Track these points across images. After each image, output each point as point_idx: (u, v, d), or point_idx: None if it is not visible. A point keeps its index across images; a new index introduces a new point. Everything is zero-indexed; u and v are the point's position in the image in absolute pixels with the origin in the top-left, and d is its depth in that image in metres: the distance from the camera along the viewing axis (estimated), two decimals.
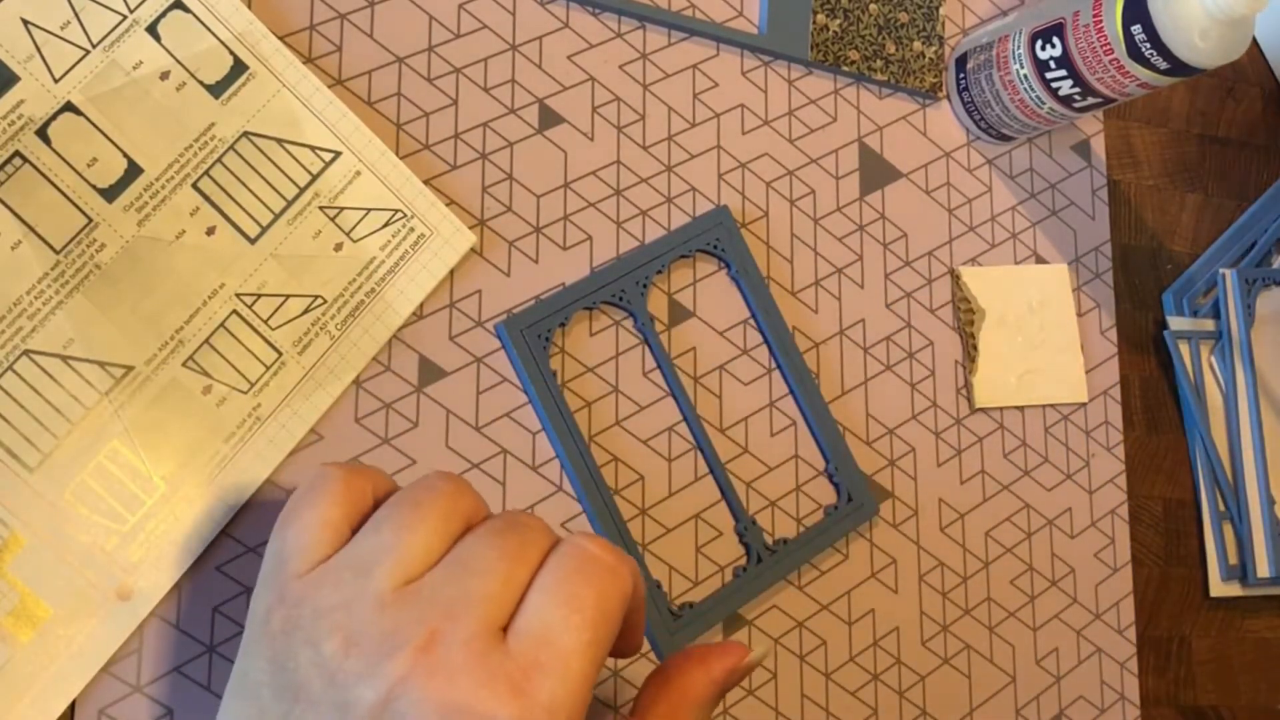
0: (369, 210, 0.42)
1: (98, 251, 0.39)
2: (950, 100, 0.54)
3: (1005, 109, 0.51)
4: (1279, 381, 0.58)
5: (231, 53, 0.41)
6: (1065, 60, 0.48)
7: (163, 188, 0.40)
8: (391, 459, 0.42)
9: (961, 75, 0.53)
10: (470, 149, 0.45)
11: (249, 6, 0.42)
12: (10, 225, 0.38)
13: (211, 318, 0.40)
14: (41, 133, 0.39)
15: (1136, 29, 0.45)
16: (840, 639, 0.48)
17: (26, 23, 0.39)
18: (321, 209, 0.42)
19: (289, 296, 0.41)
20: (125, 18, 0.40)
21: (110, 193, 0.39)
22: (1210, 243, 0.59)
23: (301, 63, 0.42)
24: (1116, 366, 0.55)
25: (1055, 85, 0.49)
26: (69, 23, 0.39)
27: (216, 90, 0.41)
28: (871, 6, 0.52)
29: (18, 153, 0.38)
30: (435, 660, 0.27)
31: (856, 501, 0.48)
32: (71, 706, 0.37)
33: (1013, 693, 0.50)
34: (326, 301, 0.42)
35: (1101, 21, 0.46)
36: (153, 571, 0.38)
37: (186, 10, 0.41)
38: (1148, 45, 0.45)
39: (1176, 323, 0.57)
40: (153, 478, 0.39)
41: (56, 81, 0.39)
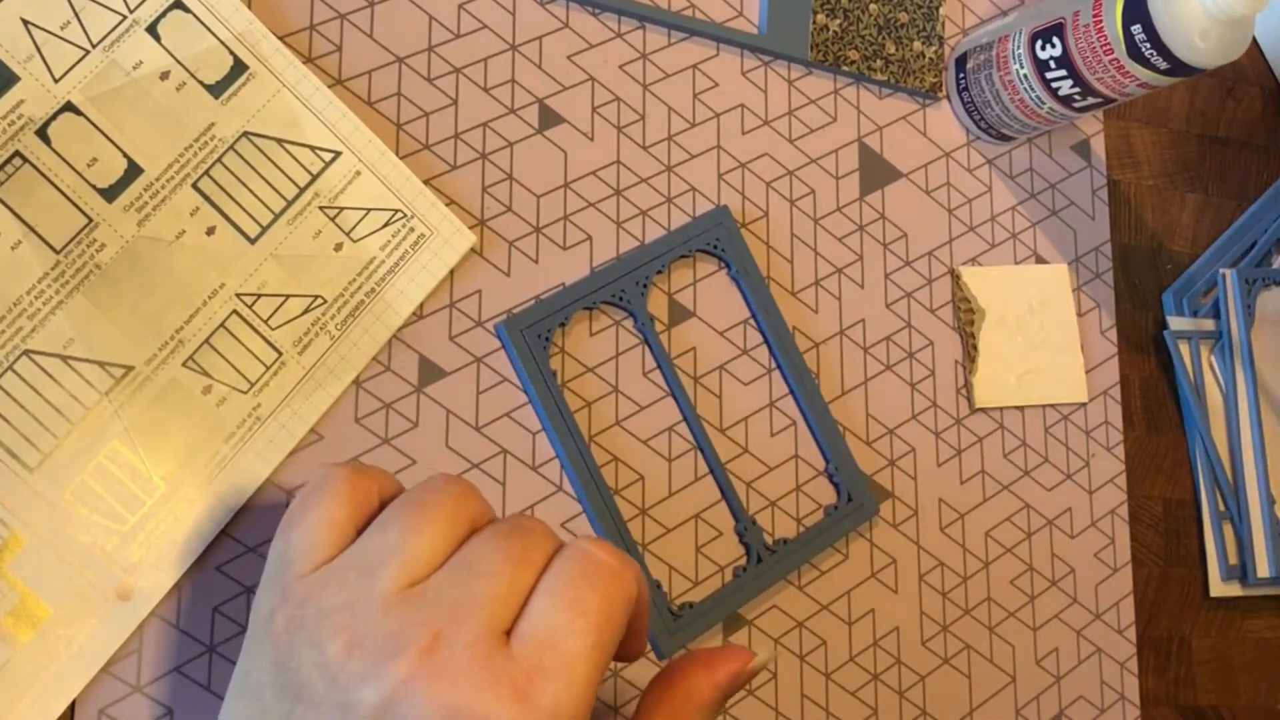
0: (369, 210, 0.42)
1: (98, 251, 0.39)
2: (950, 100, 0.54)
3: (1005, 109, 0.51)
4: (1279, 381, 0.58)
5: (231, 53, 0.41)
6: (1065, 60, 0.48)
7: (163, 188, 0.40)
8: (392, 459, 0.42)
9: (961, 75, 0.53)
10: (470, 149, 0.45)
11: (249, 6, 0.42)
12: (10, 225, 0.38)
13: (211, 318, 0.40)
14: (41, 133, 0.39)
15: (1136, 29, 0.45)
16: (840, 639, 0.48)
17: (26, 23, 0.39)
18: (321, 209, 0.42)
19: (289, 296, 0.41)
20: (125, 18, 0.40)
21: (110, 193, 0.39)
22: (1210, 243, 0.59)
23: (301, 63, 0.42)
24: (1116, 366, 0.55)
25: (1055, 85, 0.49)
26: (69, 23, 0.39)
27: (216, 90, 0.41)
28: (871, 6, 0.52)
29: (18, 153, 0.38)
30: (438, 662, 0.27)
31: (856, 501, 0.48)
32: (71, 706, 0.37)
33: (1013, 693, 0.50)
34: (326, 301, 0.42)
35: (1101, 21, 0.46)
36: (153, 571, 0.38)
37: (186, 10, 0.41)
38: (1148, 45, 0.45)
39: (1176, 323, 0.57)
40: (153, 478, 0.39)
41: (56, 81, 0.39)
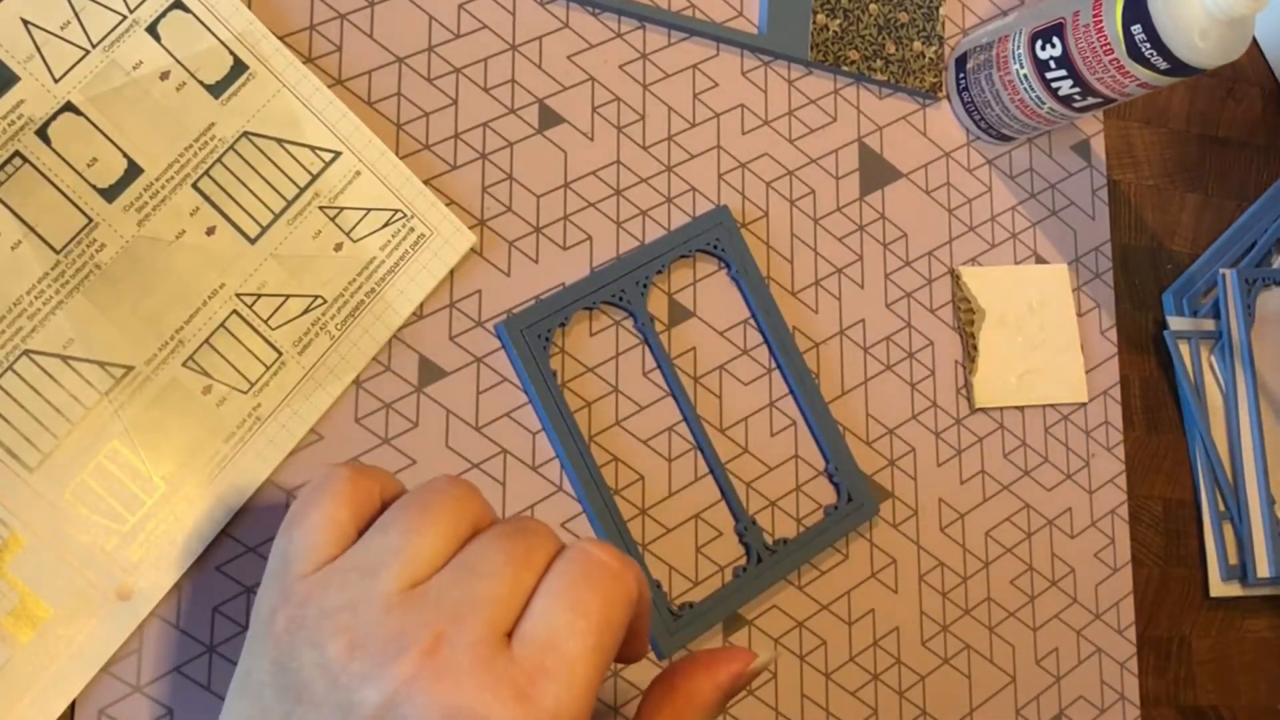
0: (369, 210, 0.42)
1: (98, 251, 0.39)
2: (950, 100, 0.54)
3: (1005, 109, 0.51)
4: (1279, 381, 0.58)
5: (231, 53, 0.41)
6: (1065, 60, 0.48)
7: (163, 188, 0.40)
8: (392, 459, 0.42)
9: (961, 75, 0.53)
10: (470, 149, 0.45)
11: (249, 6, 0.42)
12: (10, 225, 0.38)
13: (211, 318, 0.40)
14: (41, 133, 0.39)
15: (1136, 29, 0.45)
16: (840, 639, 0.48)
17: (26, 23, 0.39)
18: (321, 209, 0.42)
19: (289, 296, 0.41)
20: (125, 18, 0.40)
21: (110, 193, 0.39)
22: (1210, 243, 0.59)
23: (301, 63, 0.42)
24: (1116, 366, 0.55)
25: (1055, 85, 0.49)
26: (69, 23, 0.39)
27: (216, 90, 0.41)
28: (871, 6, 0.52)
29: (18, 153, 0.38)
30: (440, 663, 0.27)
31: (856, 501, 0.48)
32: (71, 706, 0.37)
33: (1013, 693, 0.50)
34: (326, 301, 0.42)
35: (1101, 21, 0.46)
36: (153, 571, 0.38)
37: (186, 10, 0.41)
38: (1148, 45, 0.45)
39: (1176, 323, 0.57)
40: (153, 478, 0.39)
41: (56, 81, 0.39)
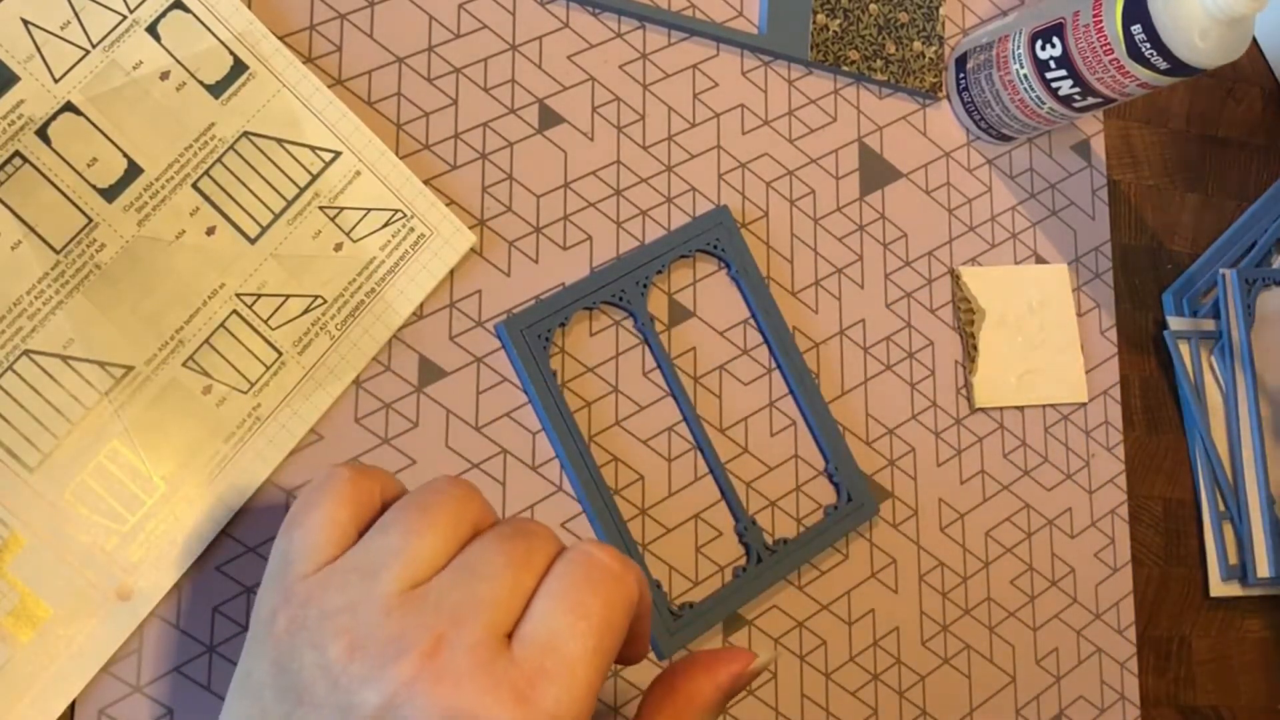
0: (369, 210, 0.42)
1: (98, 251, 0.39)
2: (950, 100, 0.54)
3: (1005, 109, 0.51)
4: (1279, 381, 0.57)
5: (231, 53, 0.41)
6: (1065, 60, 0.48)
7: (163, 188, 0.40)
8: (392, 459, 0.42)
9: (961, 75, 0.53)
10: (470, 149, 0.45)
11: (249, 6, 0.42)
12: (10, 225, 0.38)
13: (211, 318, 0.40)
14: (41, 133, 0.39)
15: (1136, 29, 0.45)
16: (840, 639, 0.48)
17: (26, 23, 0.39)
18: (321, 209, 0.42)
19: (289, 296, 0.41)
20: (125, 18, 0.40)
21: (110, 193, 0.39)
22: (1210, 243, 0.59)
23: (301, 63, 0.42)
24: (1116, 366, 0.55)
25: (1055, 85, 0.49)
26: (69, 23, 0.39)
27: (216, 90, 0.41)
28: (871, 6, 0.52)
29: (18, 153, 0.38)
30: (440, 665, 0.27)
31: (856, 501, 0.48)
32: (71, 706, 0.37)
33: (1013, 693, 0.50)
34: (326, 301, 0.42)
35: (1101, 21, 0.46)
36: (153, 571, 0.38)
37: (186, 10, 0.41)
38: (1148, 45, 0.45)
39: (1176, 323, 0.57)
40: (153, 478, 0.39)
41: (56, 81, 0.39)
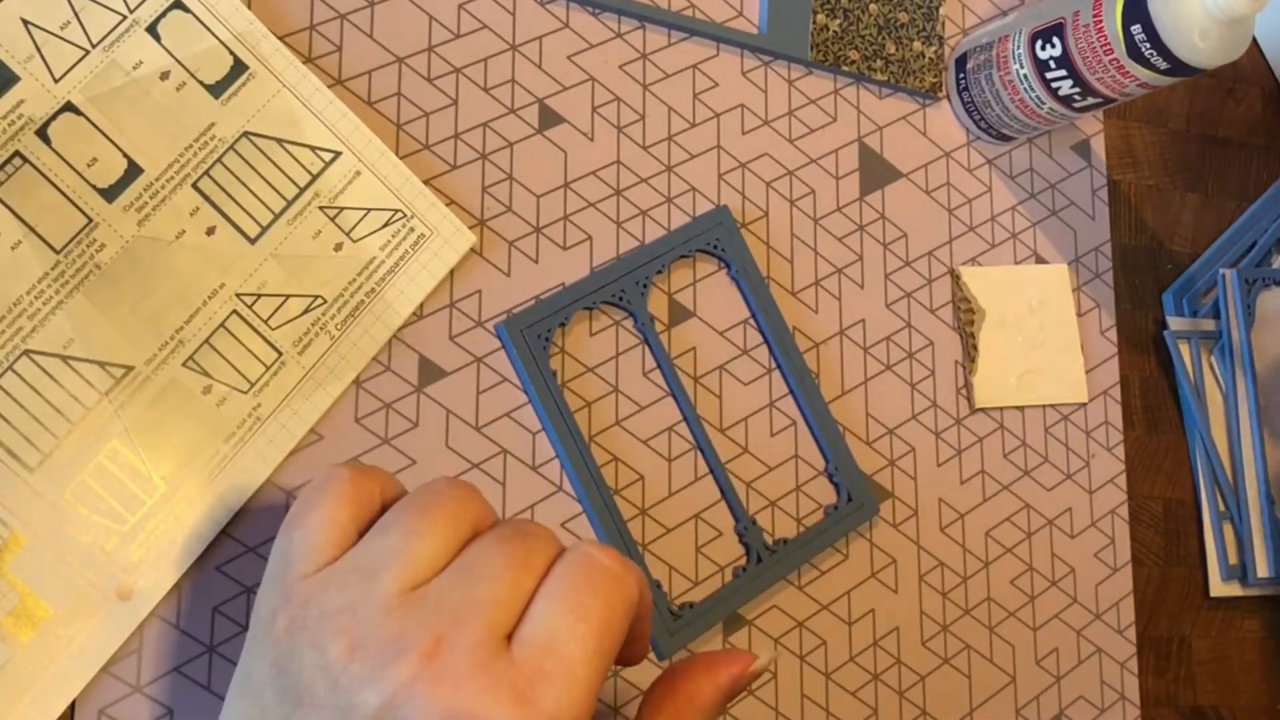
0: (369, 210, 0.42)
1: (98, 251, 0.39)
2: (950, 100, 0.54)
3: (1005, 109, 0.51)
4: (1279, 382, 0.57)
5: (231, 53, 0.41)
6: (1065, 60, 0.48)
7: (163, 188, 0.40)
8: (392, 459, 0.42)
9: (961, 75, 0.53)
10: (470, 149, 0.45)
11: (249, 6, 0.42)
12: (10, 225, 0.38)
13: (211, 318, 0.40)
14: (41, 133, 0.39)
15: (1136, 29, 0.45)
16: (840, 639, 0.48)
17: (26, 23, 0.39)
18: (321, 209, 0.42)
19: (289, 296, 0.41)
20: (125, 18, 0.40)
21: (110, 193, 0.39)
22: (1210, 243, 0.59)
23: (301, 63, 0.42)
24: (1116, 366, 0.55)
25: (1055, 85, 0.49)
26: (69, 23, 0.39)
27: (216, 90, 0.41)
28: (871, 6, 0.52)
29: (18, 153, 0.38)
30: (440, 666, 0.27)
31: (856, 501, 0.48)
32: (71, 706, 0.37)
33: (1013, 693, 0.50)
34: (326, 301, 0.42)
35: (1101, 21, 0.46)
36: (153, 571, 0.38)
37: (186, 10, 0.41)
38: (1148, 45, 0.45)
39: (1176, 323, 0.57)
40: (153, 478, 0.39)
41: (56, 81, 0.39)
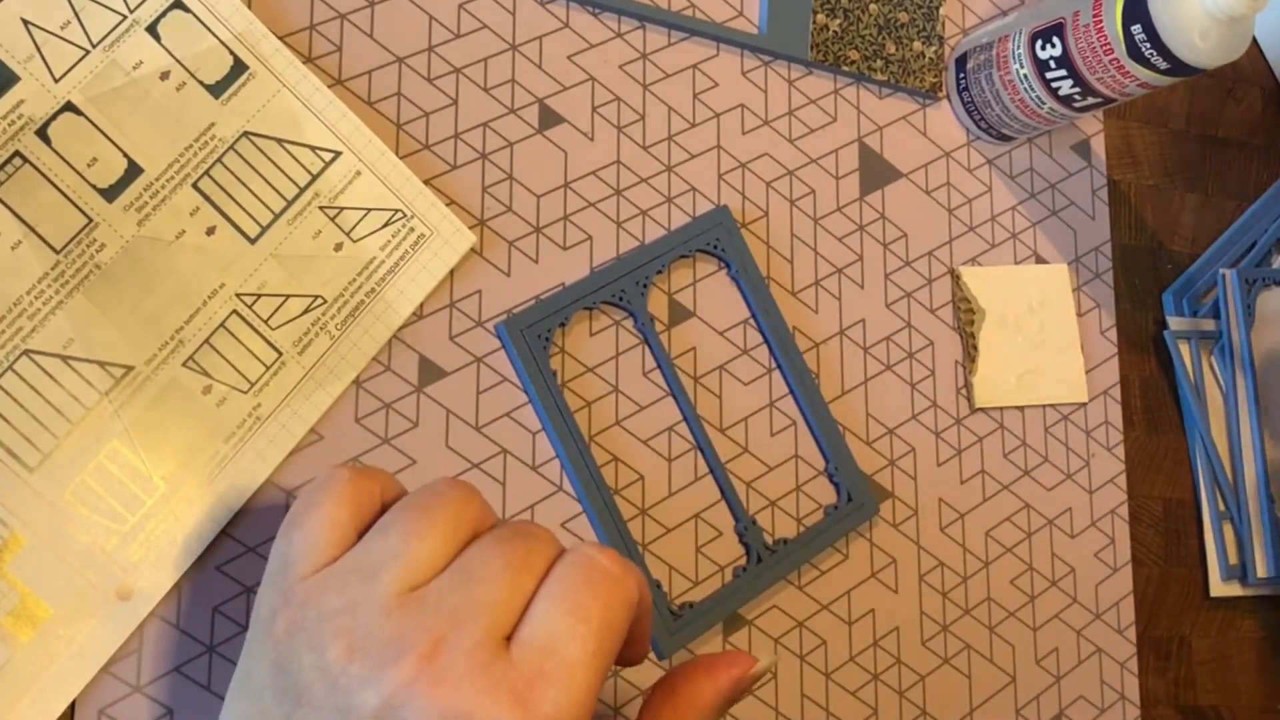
0: (369, 210, 0.42)
1: (98, 251, 0.39)
2: (950, 100, 0.54)
3: (1005, 109, 0.51)
4: (1279, 382, 0.57)
5: (231, 53, 0.41)
6: (1065, 60, 0.48)
7: (163, 188, 0.40)
8: (392, 459, 0.42)
9: (961, 75, 0.53)
10: (470, 149, 0.45)
11: (249, 6, 0.42)
12: (10, 225, 0.38)
13: (211, 318, 0.40)
14: (41, 133, 0.39)
15: (1136, 29, 0.45)
16: (840, 639, 0.48)
17: (26, 23, 0.39)
18: (321, 209, 0.42)
19: (289, 296, 0.41)
20: (125, 18, 0.40)
21: (110, 193, 0.39)
22: (1210, 243, 0.59)
23: (301, 63, 0.42)
24: (1116, 366, 0.55)
25: (1055, 85, 0.49)
26: (69, 23, 0.39)
27: (216, 90, 0.41)
28: (871, 6, 0.52)
29: (18, 153, 0.38)
30: (439, 667, 0.27)
31: (856, 501, 0.48)
32: (71, 706, 0.37)
33: (1013, 693, 0.50)
34: (326, 301, 0.42)
35: (1101, 21, 0.46)
36: (153, 571, 0.38)
37: (186, 10, 0.41)
38: (1148, 45, 0.45)
39: (1176, 323, 0.57)
40: (153, 478, 0.39)
41: (56, 81, 0.39)
